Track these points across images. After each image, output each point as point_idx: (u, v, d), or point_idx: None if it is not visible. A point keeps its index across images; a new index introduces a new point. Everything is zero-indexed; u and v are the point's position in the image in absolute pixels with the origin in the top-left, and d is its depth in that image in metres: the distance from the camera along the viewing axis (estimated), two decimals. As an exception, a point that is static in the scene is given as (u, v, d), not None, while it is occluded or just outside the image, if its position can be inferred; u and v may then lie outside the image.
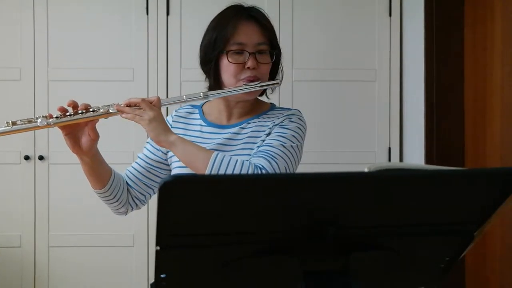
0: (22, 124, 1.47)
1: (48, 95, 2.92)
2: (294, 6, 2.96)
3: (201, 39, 1.66)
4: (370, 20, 2.98)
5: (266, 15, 1.64)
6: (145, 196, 1.69)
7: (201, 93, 1.56)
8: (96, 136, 1.51)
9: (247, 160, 1.50)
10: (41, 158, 2.91)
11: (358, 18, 2.98)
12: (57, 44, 2.93)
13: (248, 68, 1.56)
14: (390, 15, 2.98)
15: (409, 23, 2.93)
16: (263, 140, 1.58)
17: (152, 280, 2.13)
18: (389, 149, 2.98)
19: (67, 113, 1.48)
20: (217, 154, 1.47)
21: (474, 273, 2.56)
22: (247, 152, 1.58)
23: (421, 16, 2.74)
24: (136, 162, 1.70)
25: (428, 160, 2.68)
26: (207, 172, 1.45)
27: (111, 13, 2.94)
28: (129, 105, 1.49)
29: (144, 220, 2.93)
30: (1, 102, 2.91)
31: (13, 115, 1.84)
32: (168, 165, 1.69)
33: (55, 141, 2.90)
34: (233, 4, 1.66)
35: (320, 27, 2.98)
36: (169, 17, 2.95)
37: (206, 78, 1.66)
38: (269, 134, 1.59)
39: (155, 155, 1.68)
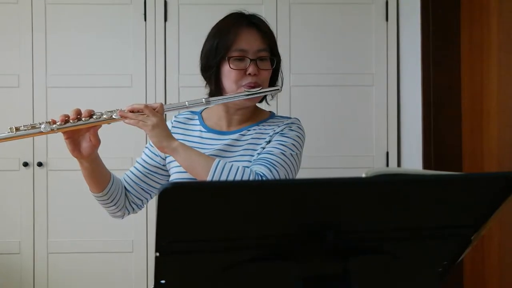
0: (25, 129, 1.48)
1: (46, 102, 2.92)
2: (292, 12, 2.97)
3: (198, 45, 1.67)
4: (367, 25, 3.00)
5: (266, 22, 1.66)
6: (142, 200, 1.70)
7: (203, 99, 1.57)
8: (98, 142, 1.53)
9: (248, 167, 1.51)
10: (39, 164, 2.91)
11: (355, 23, 3.00)
12: (55, 50, 2.94)
13: (249, 74, 1.58)
14: (387, 20, 2.99)
15: (405, 27, 2.94)
16: (263, 148, 1.59)
17: (151, 285, 2.13)
18: (387, 153, 2.99)
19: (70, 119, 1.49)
20: (219, 161, 1.48)
21: (473, 277, 2.56)
22: (247, 158, 1.59)
23: (418, 21, 2.75)
24: (135, 167, 1.71)
25: (426, 164, 2.68)
26: (208, 178, 1.46)
27: (109, 19, 2.95)
28: (132, 111, 1.51)
29: (143, 226, 2.93)
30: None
31: (12, 121, 1.84)
32: (166, 170, 1.70)
33: (54, 147, 2.90)
34: (234, 11, 1.67)
35: (318, 32, 2.99)
36: (167, 23, 2.95)
37: (206, 84, 1.67)
38: (269, 141, 1.60)
39: (153, 160, 1.69)
